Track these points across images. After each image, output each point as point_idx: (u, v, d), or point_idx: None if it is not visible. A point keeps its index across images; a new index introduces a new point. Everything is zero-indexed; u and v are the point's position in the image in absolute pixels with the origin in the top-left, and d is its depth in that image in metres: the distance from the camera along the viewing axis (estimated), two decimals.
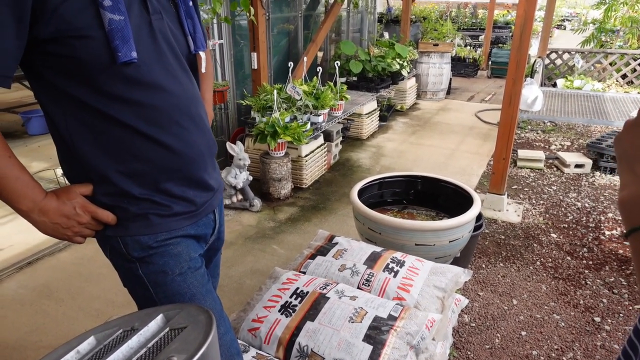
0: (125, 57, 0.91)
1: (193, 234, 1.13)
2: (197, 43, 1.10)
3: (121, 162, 1.00)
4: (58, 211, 0.98)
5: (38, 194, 0.96)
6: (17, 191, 0.93)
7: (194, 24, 1.10)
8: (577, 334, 2.22)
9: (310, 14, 5.26)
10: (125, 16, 0.91)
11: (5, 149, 0.92)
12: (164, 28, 1.01)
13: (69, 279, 2.63)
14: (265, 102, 3.63)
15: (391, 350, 1.52)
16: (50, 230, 1.00)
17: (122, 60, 0.91)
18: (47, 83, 0.95)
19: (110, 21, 0.89)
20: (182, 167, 1.06)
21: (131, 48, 0.92)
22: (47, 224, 0.98)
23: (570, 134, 5.40)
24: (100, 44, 0.89)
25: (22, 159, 0.99)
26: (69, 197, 0.99)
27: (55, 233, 1.01)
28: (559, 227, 3.25)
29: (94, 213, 1.02)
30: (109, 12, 0.88)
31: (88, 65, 0.91)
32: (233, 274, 2.69)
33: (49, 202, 0.97)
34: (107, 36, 0.89)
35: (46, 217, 0.97)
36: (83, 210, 1.00)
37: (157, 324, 0.77)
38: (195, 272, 1.11)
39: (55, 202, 0.98)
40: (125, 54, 0.91)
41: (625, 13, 7.47)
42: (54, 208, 0.98)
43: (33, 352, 2.09)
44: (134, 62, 0.93)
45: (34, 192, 0.96)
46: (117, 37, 0.90)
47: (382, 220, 2.23)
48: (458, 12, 11.70)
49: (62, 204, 0.99)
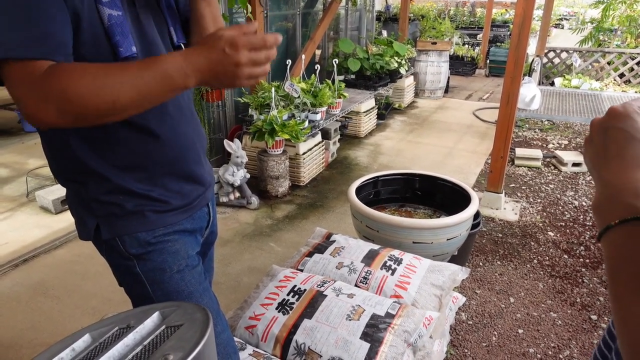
0: (127, 52, 0.91)
1: (190, 228, 1.12)
2: (179, 34, 1.09)
3: (116, 157, 0.99)
4: (208, 49, 0.83)
5: (171, 57, 0.83)
6: (158, 79, 0.81)
7: (174, 16, 1.08)
8: (573, 332, 2.22)
9: (309, 11, 5.25)
10: (123, 11, 0.90)
11: (116, 69, 0.82)
12: (150, 21, 1.00)
13: (65, 277, 2.62)
14: (263, 99, 3.62)
15: (388, 347, 1.52)
16: (222, 70, 0.82)
17: (123, 55, 0.90)
18: None
19: (109, 17, 0.88)
20: (176, 159, 1.06)
21: (131, 43, 0.91)
22: (211, 67, 0.82)
23: (568, 133, 5.41)
24: (102, 40, 0.89)
25: (19, 156, 0.98)
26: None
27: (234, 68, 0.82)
28: (556, 225, 3.26)
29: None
30: (107, 7, 0.88)
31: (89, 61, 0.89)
32: (230, 272, 2.68)
33: (190, 51, 0.84)
34: (107, 32, 0.88)
35: (205, 60, 0.82)
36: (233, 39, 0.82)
37: (153, 322, 0.76)
38: (193, 270, 1.10)
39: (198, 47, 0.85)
40: (126, 49, 0.90)
41: (623, 12, 7.48)
42: (200, 49, 0.83)
43: (28, 350, 2.08)
44: (135, 56, 0.92)
45: (166, 59, 0.82)
46: (117, 33, 0.89)
47: (380, 218, 2.22)
48: (456, 10, 11.70)
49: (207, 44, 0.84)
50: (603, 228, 0.45)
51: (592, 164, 0.52)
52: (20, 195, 3.56)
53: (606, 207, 0.46)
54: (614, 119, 0.49)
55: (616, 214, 0.43)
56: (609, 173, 0.47)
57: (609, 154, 0.48)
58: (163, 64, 0.82)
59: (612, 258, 0.43)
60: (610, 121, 0.49)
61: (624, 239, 0.42)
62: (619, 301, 0.41)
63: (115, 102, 0.80)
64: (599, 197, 0.47)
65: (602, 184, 0.48)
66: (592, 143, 0.52)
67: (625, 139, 0.47)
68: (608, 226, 0.44)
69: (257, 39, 0.82)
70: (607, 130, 0.49)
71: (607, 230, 0.44)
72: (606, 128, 0.50)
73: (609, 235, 0.44)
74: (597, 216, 0.47)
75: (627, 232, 0.42)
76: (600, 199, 0.47)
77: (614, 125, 0.49)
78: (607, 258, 0.44)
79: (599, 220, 0.46)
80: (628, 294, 0.40)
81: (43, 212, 3.31)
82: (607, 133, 0.49)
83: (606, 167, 0.48)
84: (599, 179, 0.49)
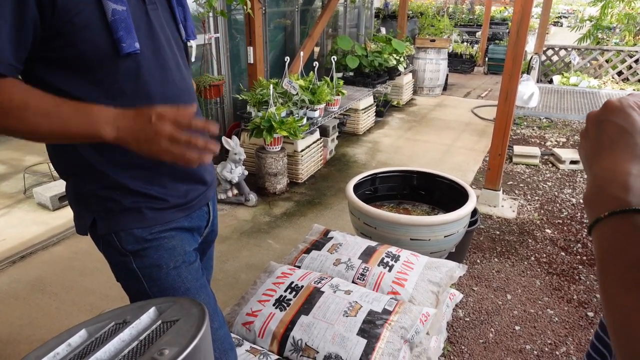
0: (129, 48, 0.90)
1: (187, 227, 1.12)
2: (188, 31, 1.10)
3: (115, 154, 0.99)
4: (137, 113, 0.86)
5: (104, 108, 0.86)
6: (84, 120, 0.84)
7: (185, 12, 1.10)
8: (570, 329, 2.23)
9: (307, 8, 5.24)
10: (127, 6, 0.90)
11: (48, 100, 0.85)
12: (159, 18, 1.00)
13: (63, 273, 2.62)
14: (261, 96, 3.62)
15: (385, 344, 1.52)
16: (143, 136, 0.85)
17: (126, 52, 0.90)
18: (43, 82, 0.91)
19: (113, 11, 0.88)
20: None
21: (134, 39, 0.91)
22: (134, 129, 0.85)
23: (566, 131, 5.42)
24: (103, 35, 0.88)
25: (16, 153, 0.98)
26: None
27: (151, 141, 0.85)
28: (553, 222, 3.26)
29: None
30: (111, 2, 0.88)
31: (90, 58, 0.90)
32: (228, 269, 2.68)
33: (123, 110, 0.87)
34: (110, 27, 0.88)
35: (131, 120, 0.85)
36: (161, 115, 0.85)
37: (150, 317, 0.76)
38: (190, 266, 1.10)
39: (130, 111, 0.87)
40: (129, 44, 0.90)
41: (621, 10, 7.48)
42: (131, 112, 0.86)
43: (26, 346, 2.08)
44: (137, 52, 0.92)
45: (100, 108, 0.86)
46: (121, 28, 0.89)
47: (378, 215, 2.23)
48: (455, 8, 11.69)
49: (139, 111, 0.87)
50: (593, 220, 0.45)
51: (585, 157, 0.52)
52: (17, 191, 3.55)
53: (596, 199, 0.46)
54: (609, 112, 0.49)
55: (605, 207, 0.43)
56: (599, 165, 0.47)
57: (601, 146, 0.48)
58: (95, 110, 0.86)
59: (601, 250, 0.43)
60: (605, 114, 0.50)
61: (612, 231, 0.42)
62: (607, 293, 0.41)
63: (34, 131, 0.85)
64: (590, 190, 0.47)
65: (593, 176, 0.48)
66: (587, 136, 0.52)
67: (618, 132, 0.47)
68: (598, 219, 0.44)
69: (183, 117, 0.84)
70: (601, 124, 0.50)
71: (597, 223, 0.44)
72: (601, 121, 0.50)
73: (599, 227, 0.44)
74: (588, 209, 0.47)
75: (616, 225, 0.42)
76: (591, 191, 0.47)
77: (608, 119, 0.49)
78: (597, 250, 0.44)
79: (590, 212, 0.46)
80: (616, 286, 0.40)
81: (40, 208, 3.30)
82: (601, 126, 0.49)
83: (598, 159, 0.48)
84: (590, 171, 0.49)
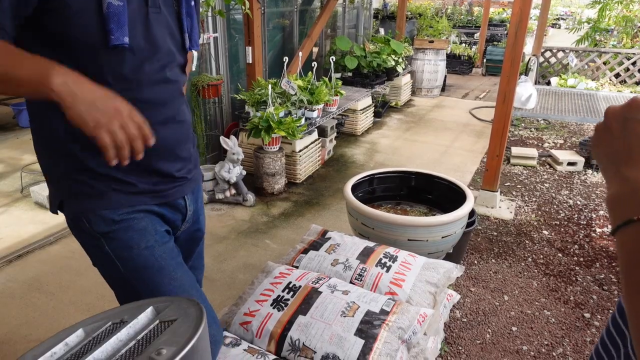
0: (117, 41, 0.93)
1: (157, 211, 1.13)
2: (192, 41, 1.14)
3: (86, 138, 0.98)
4: (94, 86, 0.85)
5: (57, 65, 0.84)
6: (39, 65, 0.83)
7: (192, 23, 1.13)
8: (567, 330, 2.24)
9: (306, 9, 5.24)
10: (125, 4, 0.93)
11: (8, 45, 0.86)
12: (160, 22, 1.03)
13: (60, 273, 2.61)
14: (259, 96, 3.61)
15: (383, 344, 1.52)
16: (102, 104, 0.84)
17: (113, 43, 0.92)
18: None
19: (109, 5, 0.91)
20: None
21: (124, 33, 0.93)
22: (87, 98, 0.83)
23: (564, 132, 5.44)
24: (94, 24, 0.91)
25: (14, 151, 0.99)
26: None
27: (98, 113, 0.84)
28: (550, 224, 3.27)
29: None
30: None
31: (78, 44, 0.92)
32: (226, 268, 2.68)
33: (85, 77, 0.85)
34: (104, 18, 0.91)
35: (84, 87, 0.83)
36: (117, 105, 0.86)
37: (147, 317, 0.76)
38: (163, 245, 1.11)
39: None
40: (117, 37, 0.92)
41: (619, 12, 7.51)
42: (88, 81, 0.85)
43: (23, 346, 2.08)
44: (125, 46, 0.94)
45: (62, 65, 0.84)
46: (112, 21, 0.91)
47: (375, 216, 2.23)
48: (454, 9, 11.70)
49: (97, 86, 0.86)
50: (622, 222, 0.44)
51: (608, 157, 0.50)
52: (14, 190, 3.54)
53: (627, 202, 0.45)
54: (635, 110, 0.47)
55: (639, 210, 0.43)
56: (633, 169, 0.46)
57: (631, 147, 0.47)
58: (55, 64, 0.83)
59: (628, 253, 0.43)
60: (631, 112, 0.48)
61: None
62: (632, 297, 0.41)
63: None
64: (619, 192, 0.46)
65: (622, 178, 0.46)
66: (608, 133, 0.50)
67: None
68: (629, 220, 0.43)
69: (137, 118, 0.87)
70: (628, 122, 0.48)
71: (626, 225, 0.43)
72: (627, 119, 0.48)
73: (628, 230, 0.43)
74: (614, 210, 0.46)
75: None
76: (623, 192, 0.46)
77: (634, 117, 0.47)
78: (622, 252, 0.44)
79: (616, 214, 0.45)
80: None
81: (38, 207, 3.29)
82: (629, 125, 0.48)
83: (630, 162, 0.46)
84: (617, 173, 0.47)
